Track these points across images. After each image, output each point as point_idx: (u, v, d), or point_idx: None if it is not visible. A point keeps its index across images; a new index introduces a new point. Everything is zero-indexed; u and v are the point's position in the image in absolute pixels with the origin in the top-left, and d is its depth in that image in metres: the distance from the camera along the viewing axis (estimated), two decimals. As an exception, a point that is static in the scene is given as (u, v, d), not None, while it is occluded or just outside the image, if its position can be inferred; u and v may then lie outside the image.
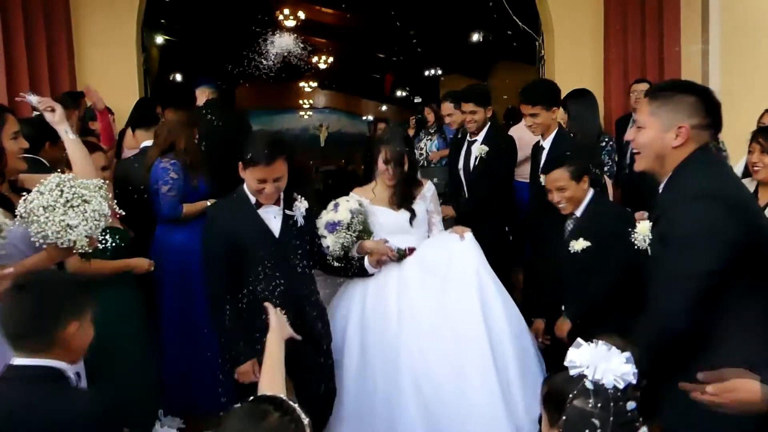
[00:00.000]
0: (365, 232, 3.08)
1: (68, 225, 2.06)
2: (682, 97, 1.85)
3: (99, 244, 2.82)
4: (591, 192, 3.03)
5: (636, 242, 1.95)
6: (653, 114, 1.87)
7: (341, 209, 3.00)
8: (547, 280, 3.18)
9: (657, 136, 1.86)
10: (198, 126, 3.88)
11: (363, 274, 3.08)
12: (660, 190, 1.93)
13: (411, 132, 6.99)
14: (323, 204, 3.06)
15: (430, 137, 5.99)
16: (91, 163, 2.58)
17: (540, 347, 3.12)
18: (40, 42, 4.85)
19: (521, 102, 3.62)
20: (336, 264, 3.01)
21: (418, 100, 13.17)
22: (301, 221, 2.79)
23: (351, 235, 2.99)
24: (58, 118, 2.54)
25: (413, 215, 3.13)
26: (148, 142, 3.97)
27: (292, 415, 1.39)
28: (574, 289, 2.97)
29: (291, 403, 1.42)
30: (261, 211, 2.71)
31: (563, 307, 3.02)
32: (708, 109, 1.85)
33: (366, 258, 3.05)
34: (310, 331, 2.73)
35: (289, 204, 2.77)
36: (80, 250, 2.14)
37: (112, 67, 5.32)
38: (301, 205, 2.80)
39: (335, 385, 2.90)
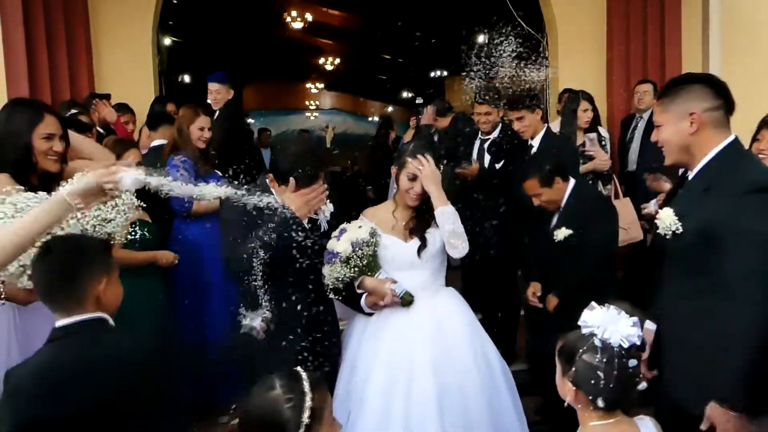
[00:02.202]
0: (369, 268, 2.60)
1: (104, 219, 2.22)
2: (687, 88, 1.97)
3: (128, 236, 2.98)
4: (572, 183, 3.20)
5: (660, 229, 2.01)
6: (664, 111, 1.99)
7: (343, 239, 2.56)
8: (538, 264, 3.39)
9: (674, 129, 1.96)
10: (214, 125, 4.02)
11: (359, 310, 2.66)
12: (689, 177, 2.01)
13: (411, 132, 7.12)
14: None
15: None
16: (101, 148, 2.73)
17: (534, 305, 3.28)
18: (60, 44, 5.00)
19: (507, 110, 3.85)
20: (332, 296, 2.62)
21: (419, 100, 13.26)
22: (324, 226, 2.63)
23: (348, 271, 2.53)
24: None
25: (423, 245, 2.63)
26: (157, 142, 4.12)
27: (293, 394, 1.50)
28: (559, 272, 3.19)
29: (303, 384, 1.51)
30: None
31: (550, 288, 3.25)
32: (715, 91, 1.95)
33: (364, 296, 2.63)
34: (319, 341, 2.55)
35: None
36: (116, 241, 2.30)
37: (128, 68, 5.48)
38: (326, 209, 2.63)
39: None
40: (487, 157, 4.21)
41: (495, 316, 3.18)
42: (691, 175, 2.01)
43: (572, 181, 3.21)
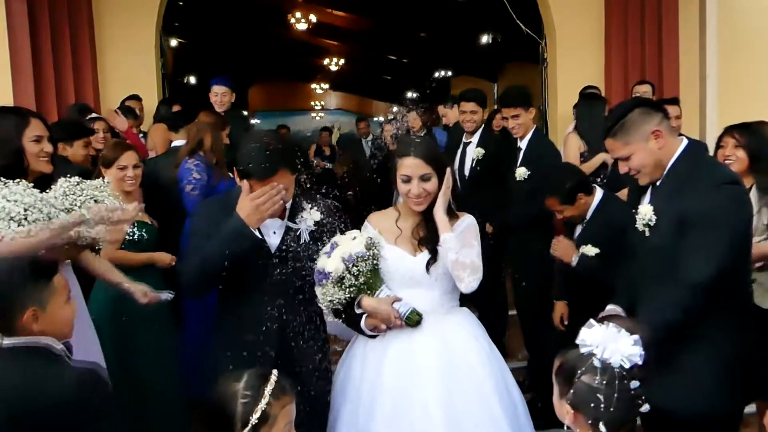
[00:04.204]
0: (368, 285, 2.22)
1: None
2: (630, 117, 2.08)
3: (127, 236, 3.03)
4: (600, 195, 2.98)
5: (637, 223, 2.03)
6: (627, 143, 2.08)
7: (334, 255, 2.17)
8: (564, 282, 3.18)
9: (645, 152, 2.06)
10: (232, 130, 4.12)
11: (361, 332, 2.28)
12: (657, 184, 2.12)
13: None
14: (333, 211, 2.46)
15: None
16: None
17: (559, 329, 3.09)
18: (65, 47, 5.09)
19: (502, 107, 3.89)
20: (329, 319, 2.29)
21: (394, 109, 13.23)
22: (305, 237, 2.25)
23: (343, 293, 2.17)
24: None
25: (433, 259, 2.20)
26: (178, 142, 4.18)
27: (250, 392, 1.52)
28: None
29: (267, 387, 1.52)
30: None
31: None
32: (651, 107, 2.12)
33: (364, 318, 2.23)
34: (297, 364, 2.23)
35: (294, 215, 2.27)
36: (100, 246, 2.34)
37: (132, 70, 5.56)
38: (309, 217, 2.27)
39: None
40: (468, 161, 4.26)
41: (483, 315, 3.18)
42: (658, 181, 2.12)
43: (599, 194, 2.97)
